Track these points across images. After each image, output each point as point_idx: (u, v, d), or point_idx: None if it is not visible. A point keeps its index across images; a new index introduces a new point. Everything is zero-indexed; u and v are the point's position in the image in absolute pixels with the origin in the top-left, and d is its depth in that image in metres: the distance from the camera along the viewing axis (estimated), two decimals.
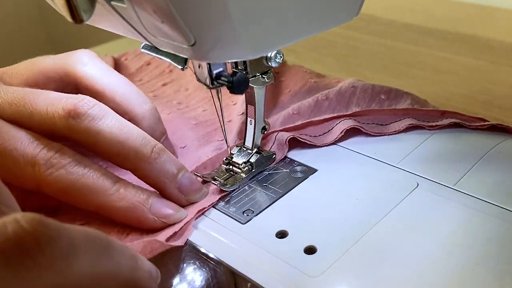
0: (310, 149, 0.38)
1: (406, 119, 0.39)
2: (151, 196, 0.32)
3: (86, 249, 0.20)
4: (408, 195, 0.32)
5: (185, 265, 0.31)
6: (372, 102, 0.42)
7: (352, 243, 0.29)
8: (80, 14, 0.25)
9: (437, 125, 0.38)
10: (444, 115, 0.39)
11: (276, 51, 0.32)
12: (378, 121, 0.39)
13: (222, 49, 0.25)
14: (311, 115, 0.41)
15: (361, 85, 0.43)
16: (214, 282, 0.30)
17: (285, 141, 0.37)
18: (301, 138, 0.38)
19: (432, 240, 0.29)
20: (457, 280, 0.26)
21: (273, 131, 0.39)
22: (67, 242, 0.19)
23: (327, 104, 0.42)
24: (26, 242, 0.18)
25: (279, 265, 0.28)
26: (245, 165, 0.36)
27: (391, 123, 0.39)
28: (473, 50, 0.60)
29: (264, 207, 0.33)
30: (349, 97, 0.43)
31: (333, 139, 0.38)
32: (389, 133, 0.38)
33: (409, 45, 0.63)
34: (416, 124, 0.38)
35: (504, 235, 0.28)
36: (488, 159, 0.35)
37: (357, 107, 0.42)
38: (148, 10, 0.24)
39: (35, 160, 0.31)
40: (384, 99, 0.42)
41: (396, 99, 0.42)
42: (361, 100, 0.42)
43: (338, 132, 0.38)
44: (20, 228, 0.18)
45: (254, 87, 0.34)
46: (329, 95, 0.43)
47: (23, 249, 0.18)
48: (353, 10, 0.30)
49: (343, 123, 0.39)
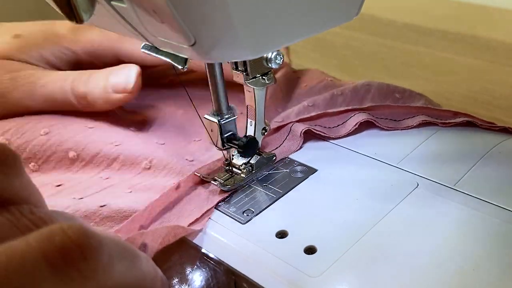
0: (310, 149, 0.38)
1: (419, 116, 0.39)
2: None
3: (120, 259, 0.21)
4: (408, 195, 0.32)
5: (185, 265, 0.31)
6: (386, 100, 0.43)
7: (352, 243, 0.29)
8: (80, 14, 0.25)
9: (450, 123, 0.38)
10: (456, 115, 0.39)
11: (276, 53, 0.33)
12: (392, 116, 0.40)
13: (222, 49, 0.25)
14: (326, 108, 0.42)
15: (377, 84, 0.44)
16: (214, 282, 0.30)
17: (300, 134, 0.38)
18: (316, 130, 0.38)
19: (432, 240, 0.29)
20: (457, 280, 0.26)
21: (288, 122, 0.39)
22: (107, 252, 0.20)
23: (342, 99, 0.43)
24: (73, 252, 0.19)
25: (279, 265, 0.28)
26: (245, 166, 0.36)
27: (404, 119, 0.39)
28: (473, 50, 0.60)
29: (264, 207, 0.33)
30: (364, 93, 0.43)
31: (347, 132, 0.39)
32: (401, 128, 0.39)
33: (409, 45, 0.63)
34: (429, 121, 0.38)
35: (504, 235, 0.28)
36: (488, 159, 0.35)
37: (371, 103, 0.42)
38: (148, 10, 0.24)
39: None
40: (398, 98, 0.43)
41: (410, 99, 0.43)
42: (375, 97, 0.43)
43: (353, 124, 0.38)
44: (67, 238, 0.19)
45: (254, 89, 0.34)
46: (345, 90, 0.44)
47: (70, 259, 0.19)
48: (353, 10, 0.30)
49: (358, 116, 0.39)
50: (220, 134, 0.33)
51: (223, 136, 0.33)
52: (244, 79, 0.34)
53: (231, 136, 0.34)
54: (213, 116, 0.33)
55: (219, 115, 0.33)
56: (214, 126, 0.33)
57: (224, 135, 0.33)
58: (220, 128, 0.33)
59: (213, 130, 0.34)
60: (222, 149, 0.34)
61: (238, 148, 0.33)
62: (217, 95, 0.33)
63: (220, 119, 0.33)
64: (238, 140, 0.33)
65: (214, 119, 0.33)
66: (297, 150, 0.38)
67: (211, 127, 0.34)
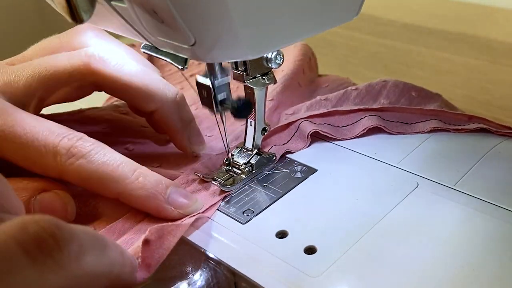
0: (310, 148, 0.38)
1: (432, 121, 0.38)
2: (170, 185, 0.32)
3: (90, 249, 0.22)
4: (408, 195, 0.32)
5: (185, 265, 0.31)
6: (401, 97, 0.42)
7: (352, 243, 0.29)
8: (80, 14, 0.25)
9: (463, 129, 0.37)
10: (471, 119, 0.38)
11: (276, 53, 0.32)
12: (404, 119, 0.39)
13: (222, 49, 0.25)
14: (339, 102, 0.42)
15: (393, 81, 0.43)
16: (214, 282, 0.30)
17: (308, 135, 0.38)
18: (323, 131, 0.38)
19: (432, 240, 0.29)
20: (457, 280, 0.26)
21: (298, 119, 0.39)
22: (78, 243, 0.21)
23: (356, 93, 0.42)
24: (48, 241, 0.19)
25: (279, 265, 0.28)
26: (245, 166, 0.36)
27: (416, 122, 0.39)
28: (473, 50, 0.60)
29: (264, 207, 0.33)
30: (379, 89, 0.43)
31: (354, 135, 0.38)
32: (412, 133, 0.38)
33: (409, 45, 0.63)
34: (441, 128, 0.38)
35: (504, 235, 0.28)
36: (488, 159, 0.35)
37: (386, 100, 0.41)
38: (148, 10, 0.24)
39: (56, 150, 0.31)
40: (414, 96, 0.42)
41: (426, 98, 0.42)
42: (390, 93, 0.42)
43: (362, 128, 0.38)
44: (41, 228, 0.19)
45: (254, 89, 0.34)
46: (360, 86, 0.43)
47: (45, 248, 0.19)
48: (353, 10, 0.30)
49: (368, 119, 0.39)
50: (214, 97, 0.32)
51: (217, 99, 0.32)
52: (244, 79, 0.34)
53: (225, 99, 0.32)
54: (206, 78, 0.32)
55: (212, 77, 0.32)
56: (207, 88, 0.32)
57: (218, 97, 0.32)
58: (214, 91, 0.32)
59: (206, 93, 0.32)
60: (215, 112, 0.33)
61: (232, 109, 0.32)
62: None
63: (213, 81, 0.32)
64: (232, 102, 0.32)
65: (207, 81, 0.32)
66: (303, 148, 0.38)
67: (203, 90, 0.32)
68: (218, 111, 0.33)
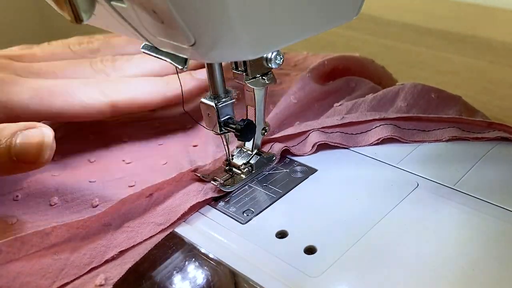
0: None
1: (450, 129, 0.37)
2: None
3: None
4: (408, 195, 0.32)
5: (185, 265, 0.31)
6: (420, 99, 0.40)
7: (352, 243, 0.29)
8: (80, 14, 0.25)
9: (482, 137, 0.36)
10: (491, 126, 0.37)
11: (276, 53, 0.32)
12: (421, 126, 0.38)
13: (222, 49, 0.25)
14: (355, 105, 0.40)
15: (411, 83, 0.42)
16: (214, 282, 0.30)
17: (314, 145, 0.37)
18: (332, 142, 0.37)
19: (432, 240, 0.29)
20: (457, 279, 0.26)
21: (311, 129, 0.38)
22: None
23: (372, 96, 0.41)
24: None
25: (279, 265, 0.28)
26: (245, 166, 0.36)
27: (434, 129, 0.37)
28: (473, 50, 0.60)
29: (264, 207, 0.33)
30: (397, 91, 0.41)
31: (367, 143, 0.37)
32: (429, 141, 0.37)
33: (409, 45, 0.63)
34: (460, 137, 0.36)
35: (504, 235, 0.28)
36: (488, 159, 0.35)
37: (403, 102, 0.40)
38: (148, 10, 0.24)
39: None
40: (433, 98, 0.40)
41: (446, 100, 0.41)
42: (408, 95, 0.40)
43: (376, 138, 0.37)
44: None
45: (254, 89, 0.34)
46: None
47: None
48: (353, 10, 0.30)
49: (382, 128, 0.37)
50: (218, 118, 0.32)
51: (220, 120, 0.32)
52: (244, 79, 0.34)
53: (229, 120, 0.33)
54: (210, 100, 0.32)
55: (216, 99, 0.32)
56: (211, 110, 0.32)
57: (221, 119, 0.32)
58: (217, 112, 0.32)
59: (210, 115, 0.33)
60: (219, 133, 0.33)
61: (236, 132, 0.32)
62: (214, 78, 0.32)
63: (217, 103, 0.32)
64: (236, 124, 0.32)
65: (211, 103, 0.32)
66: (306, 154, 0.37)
67: (207, 111, 0.33)
68: (222, 133, 0.33)
